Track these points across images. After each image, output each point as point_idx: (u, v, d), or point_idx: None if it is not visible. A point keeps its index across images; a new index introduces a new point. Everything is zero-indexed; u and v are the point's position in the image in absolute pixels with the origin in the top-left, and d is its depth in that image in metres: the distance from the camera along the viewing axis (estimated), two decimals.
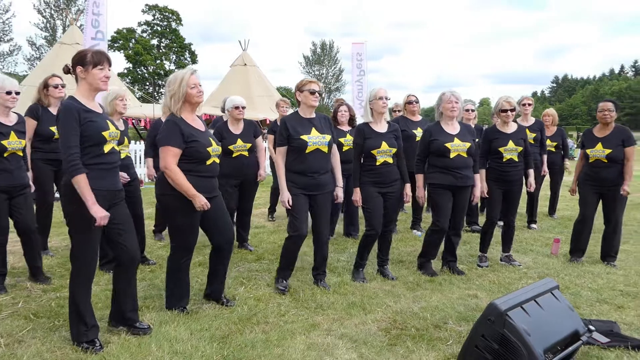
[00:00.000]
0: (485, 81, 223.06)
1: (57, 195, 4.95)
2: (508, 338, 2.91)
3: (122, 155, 4.33)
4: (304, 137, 4.33)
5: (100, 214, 3.14)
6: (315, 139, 4.37)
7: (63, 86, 5.21)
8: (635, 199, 10.20)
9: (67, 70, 3.34)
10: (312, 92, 4.40)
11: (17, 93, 4.35)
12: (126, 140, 5.02)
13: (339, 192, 4.68)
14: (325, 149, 4.44)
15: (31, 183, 4.64)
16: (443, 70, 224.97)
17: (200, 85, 3.76)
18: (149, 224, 7.12)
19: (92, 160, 3.21)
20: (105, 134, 3.25)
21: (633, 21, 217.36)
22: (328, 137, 4.47)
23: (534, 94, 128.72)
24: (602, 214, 5.53)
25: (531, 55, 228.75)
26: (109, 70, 3.29)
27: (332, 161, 4.60)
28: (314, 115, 4.50)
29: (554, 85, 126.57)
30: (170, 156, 3.65)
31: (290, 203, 4.32)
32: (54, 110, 5.10)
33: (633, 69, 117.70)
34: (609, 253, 5.48)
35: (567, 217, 8.25)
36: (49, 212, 5.39)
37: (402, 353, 3.33)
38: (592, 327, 3.27)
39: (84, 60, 3.20)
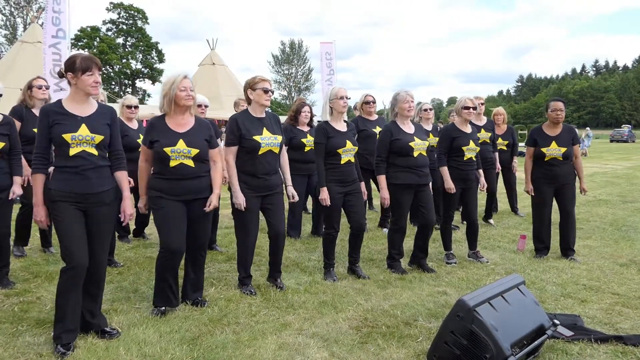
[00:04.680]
0: (453, 80, 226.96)
1: None
2: (476, 333, 2.96)
3: None
4: (257, 137, 4.24)
5: (38, 217, 3.30)
6: (267, 140, 4.29)
7: (47, 87, 5.21)
8: (598, 195, 10.50)
9: (61, 75, 3.40)
10: (266, 91, 4.30)
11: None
12: None
13: (293, 191, 4.65)
14: (277, 150, 4.39)
15: (15, 189, 4.49)
16: (412, 69, 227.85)
17: (191, 90, 3.85)
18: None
19: (60, 163, 3.29)
20: (67, 136, 3.22)
21: (594, 22, 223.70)
22: (280, 138, 4.40)
23: (500, 93, 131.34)
24: (558, 209, 5.66)
25: (498, 55, 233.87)
26: (99, 75, 3.33)
27: (280, 162, 4.55)
28: (264, 115, 4.41)
29: (519, 84, 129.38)
30: (142, 153, 3.94)
31: (244, 206, 4.26)
32: (37, 112, 5.00)
33: (594, 69, 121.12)
34: (568, 247, 5.62)
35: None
36: (31, 213, 5.27)
37: (373, 351, 3.35)
38: (556, 321, 3.36)
39: (74, 67, 3.27)
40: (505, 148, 7.97)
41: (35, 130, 4.86)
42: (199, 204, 3.90)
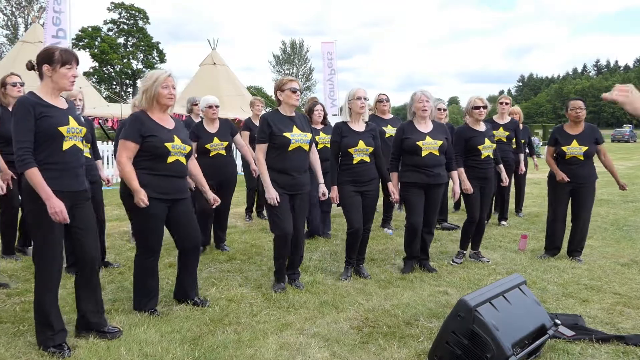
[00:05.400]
0: (454, 80, 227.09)
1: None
2: (477, 333, 2.95)
3: None
4: (287, 134, 4.31)
5: (55, 208, 3.02)
6: (297, 137, 4.35)
7: (22, 84, 5.04)
8: (599, 195, 10.46)
9: (30, 67, 3.24)
10: (294, 91, 4.38)
11: None
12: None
13: (324, 189, 4.67)
14: (307, 147, 4.45)
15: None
16: (413, 69, 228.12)
17: (173, 89, 3.74)
18: (119, 225, 7.01)
19: (50, 159, 3.11)
20: (62, 129, 3.11)
21: (596, 22, 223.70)
22: (309, 136, 4.47)
23: (501, 93, 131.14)
24: (571, 210, 5.64)
25: (499, 55, 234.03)
26: (77, 69, 3.23)
27: (311, 159, 4.60)
28: (294, 114, 4.49)
29: (520, 84, 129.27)
30: (123, 149, 3.63)
31: (278, 200, 4.29)
32: None
33: (595, 68, 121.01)
34: (575, 248, 5.60)
35: (533, 213, 8.42)
36: (14, 215, 5.23)
37: (374, 350, 3.35)
38: (558, 321, 3.35)
39: (52, 59, 3.13)
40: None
41: None
42: (183, 203, 3.87)
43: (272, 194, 4.29)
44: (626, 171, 16.11)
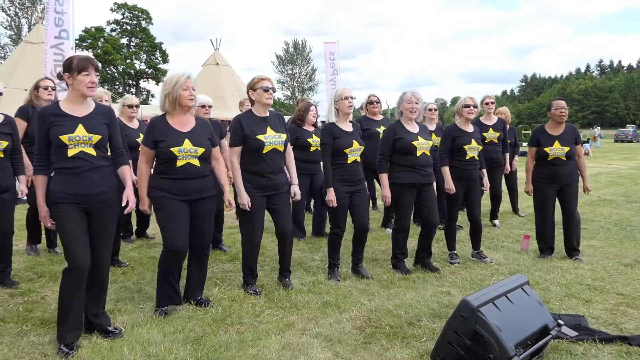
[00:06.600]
0: (457, 80, 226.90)
1: None
2: (480, 334, 2.95)
3: None
4: (260, 137, 4.26)
5: (40, 216, 3.37)
6: (271, 139, 4.30)
7: (53, 89, 5.25)
8: (602, 195, 10.46)
9: (60, 77, 3.40)
10: (266, 90, 4.31)
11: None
12: None
13: (296, 190, 4.62)
14: (282, 149, 4.40)
15: (22, 188, 4.69)
16: (416, 69, 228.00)
17: (193, 90, 3.84)
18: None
19: (59, 164, 3.28)
20: (64, 137, 3.21)
21: (598, 22, 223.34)
22: (284, 136, 4.42)
23: (504, 93, 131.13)
24: (560, 209, 5.63)
25: (501, 55, 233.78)
26: (96, 75, 3.32)
27: (286, 160, 4.56)
28: (268, 114, 4.43)
29: (523, 84, 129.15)
30: (142, 154, 3.87)
31: (250, 205, 4.27)
32: None
33: (598, 68, 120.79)
34: (573, 247, 5.59)
35: None
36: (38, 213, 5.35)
37: (377, 351, 3.35)
38: (561, 322, 3.35)
39: (70, 67, 3.26)
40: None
41: None
42: (203, 203, 3.92)
43: (244, 200, 4.25)
44: (629, 171, 16.05)
